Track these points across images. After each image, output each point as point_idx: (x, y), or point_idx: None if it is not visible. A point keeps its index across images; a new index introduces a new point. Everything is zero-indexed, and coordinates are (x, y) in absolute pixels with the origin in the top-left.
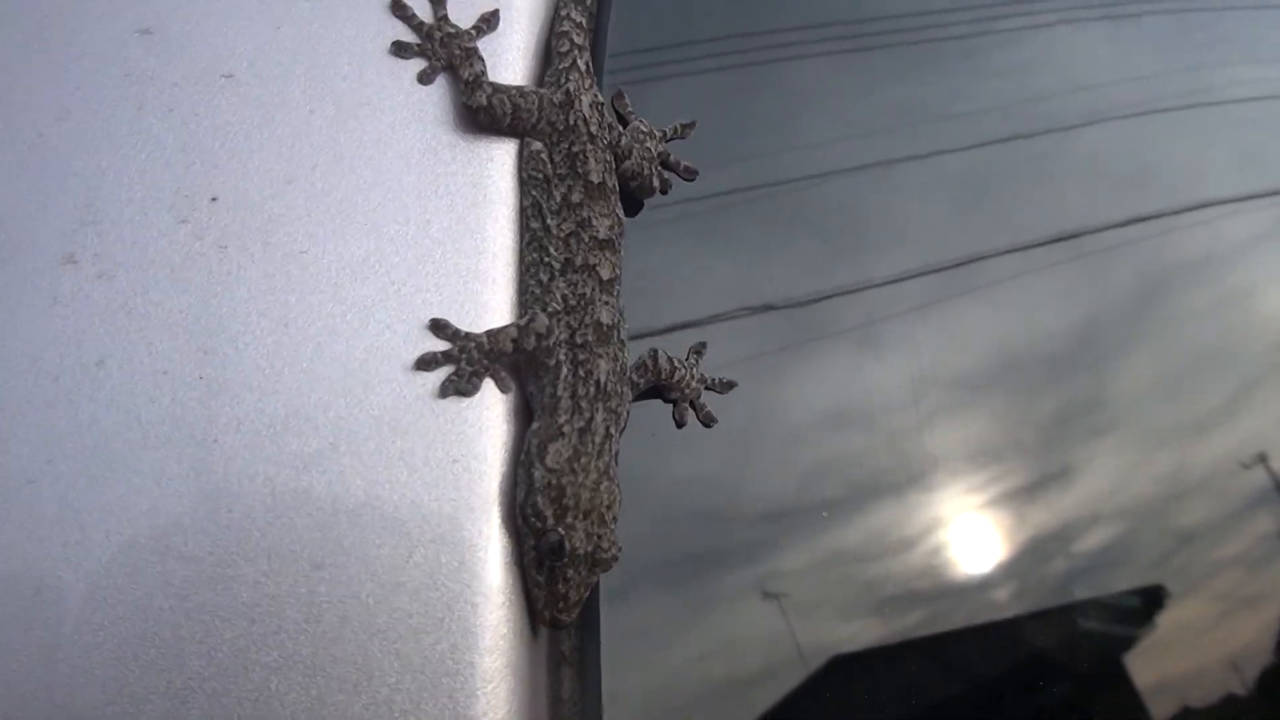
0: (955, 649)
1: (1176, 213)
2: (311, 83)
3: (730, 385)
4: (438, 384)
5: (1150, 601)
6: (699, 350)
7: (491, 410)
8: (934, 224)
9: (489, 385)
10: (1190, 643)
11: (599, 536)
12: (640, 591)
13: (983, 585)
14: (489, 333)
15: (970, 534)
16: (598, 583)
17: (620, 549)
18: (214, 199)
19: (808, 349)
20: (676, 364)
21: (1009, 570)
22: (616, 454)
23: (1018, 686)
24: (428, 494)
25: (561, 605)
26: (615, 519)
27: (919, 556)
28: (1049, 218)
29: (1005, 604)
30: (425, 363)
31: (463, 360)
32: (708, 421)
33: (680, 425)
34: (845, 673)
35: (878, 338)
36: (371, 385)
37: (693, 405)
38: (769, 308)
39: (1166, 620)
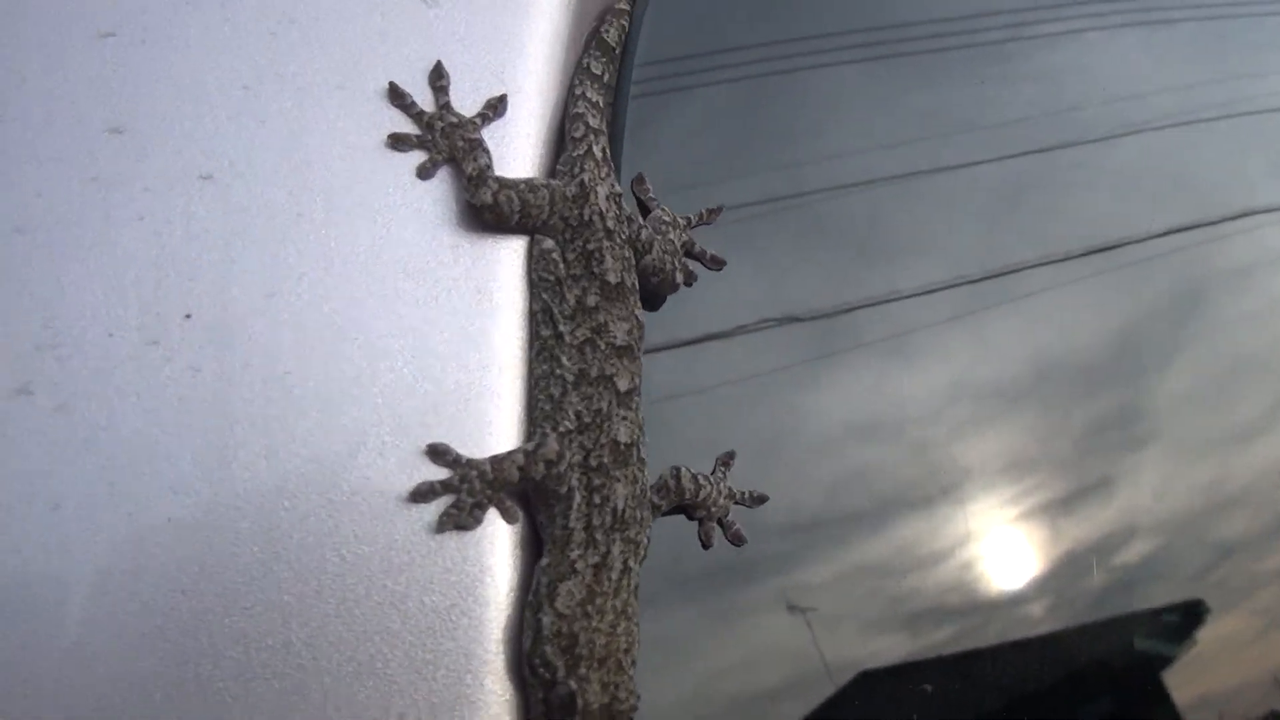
0: (987, 665)
1: (1215, 223)
2: (299, 183)
3: (761, 499)
4: (435, 517)
5: (1190, 616)
6: (727, 462)
7: (495, 544)
8: (964, 234)
9: (493, 515)
10: (1232, 658)
11: (616, 685)
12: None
13: (1016, 600)
14: (493, 459)
15: (1003, 547)
16: None
17: (639, 697)
18: (188, 316)
19: (835, 360)
20: (701, 481)
21: (1043, 585)
22: (636, 588)
23: (1053, 704)
24: (421, 646)
25: None
26: (634, 663)
27: (949, 570)
28: (1084, 228)
29: (1040, 619)
30: (421, 494)
31: (464, 490)
32: (736, 541)
33: (706, 546)
34: (873, 688)
35: (907, 349)
36: (361, 520)
37: (720, 523)
38: (795, 319)
39: (1207, 635)
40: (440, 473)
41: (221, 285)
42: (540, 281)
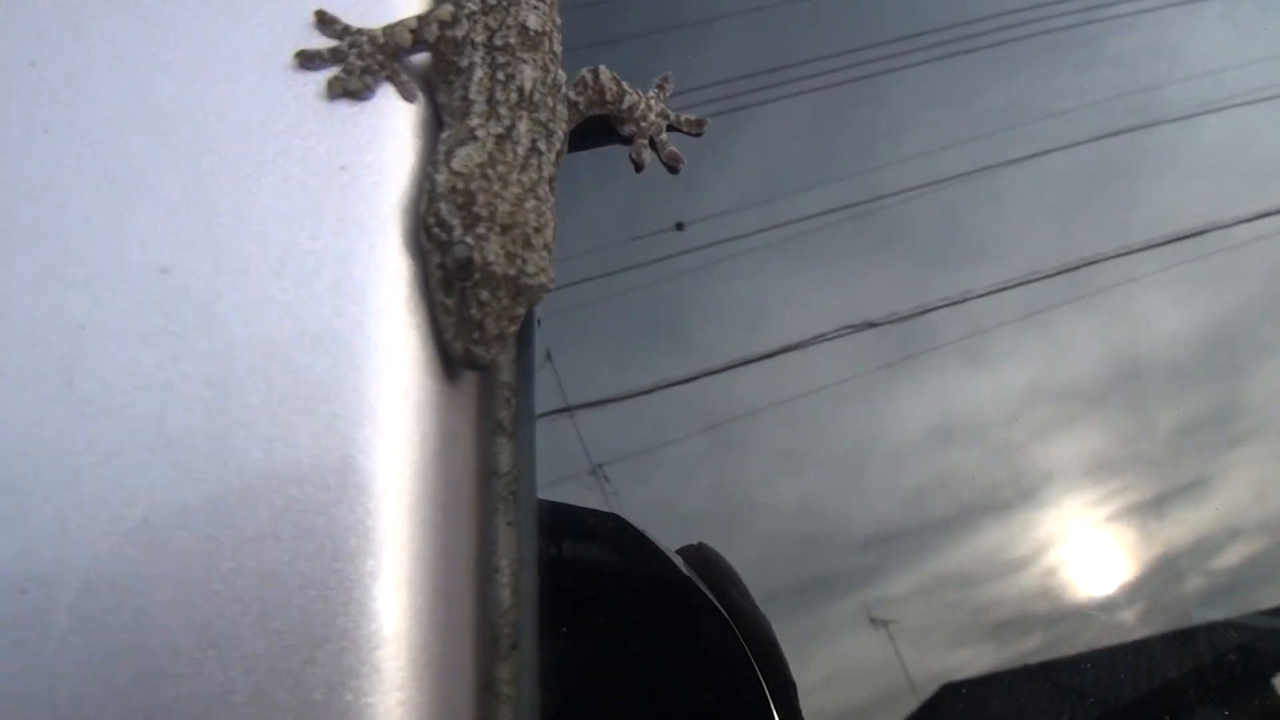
0: (1078, 675)
1: None
2: None
3: (700, 124)
4: (323, 83)
5: None
6: (662, 85)
7: (392, 119)
8: (1041, 228)
9: (390, 93)
10: None
11: (524, 259)
12: None
13: (1107, 606)
14: (385, 27)
15: (1091, 552)
16: (530, 321)
17: (552, 279)
18: None
19: (911, 365)
20: (626, 88)
21: (1136, 590)
22: (552, 179)
23: (1151, 715)
24: (305, 201)
25: (477, 335)
26: (547, 246)
27: (1034, 577)
28: (1169, 215)
29: (1133, 626)
30: (308, 58)
31: (352, 55)
32: (671, 163)
33: (638, 168)
34: (958, 701)
35: (984, 349)
36: (239, 80)
37: (653, 144)
38: (870, 325)
39: None
40: (328, 41)
41: None
42: None
